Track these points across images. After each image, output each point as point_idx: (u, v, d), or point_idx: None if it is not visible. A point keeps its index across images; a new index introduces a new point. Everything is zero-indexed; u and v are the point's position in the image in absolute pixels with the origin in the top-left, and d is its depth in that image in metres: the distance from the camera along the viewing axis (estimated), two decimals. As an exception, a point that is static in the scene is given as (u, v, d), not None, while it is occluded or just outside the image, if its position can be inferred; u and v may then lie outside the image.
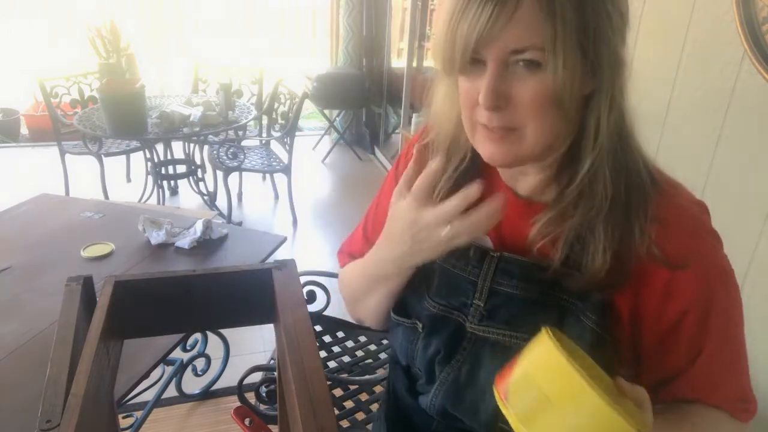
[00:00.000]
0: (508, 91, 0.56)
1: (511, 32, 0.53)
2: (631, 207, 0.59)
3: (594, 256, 0.59)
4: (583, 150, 0.60)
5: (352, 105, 4.84)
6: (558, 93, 0.55)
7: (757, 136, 1.31)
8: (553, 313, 0.62)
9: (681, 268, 0.58)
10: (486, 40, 0.54)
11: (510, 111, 0.57)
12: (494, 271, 0.66)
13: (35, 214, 1.93)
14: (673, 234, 0.59)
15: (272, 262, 0.81)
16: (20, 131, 5.01)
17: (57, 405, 0.51)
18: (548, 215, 0.62)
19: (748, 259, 1.33)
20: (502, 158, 0.61)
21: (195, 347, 2.08)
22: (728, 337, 0.66)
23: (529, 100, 0.56)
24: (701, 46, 1.45)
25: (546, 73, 0.54)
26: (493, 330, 0.65)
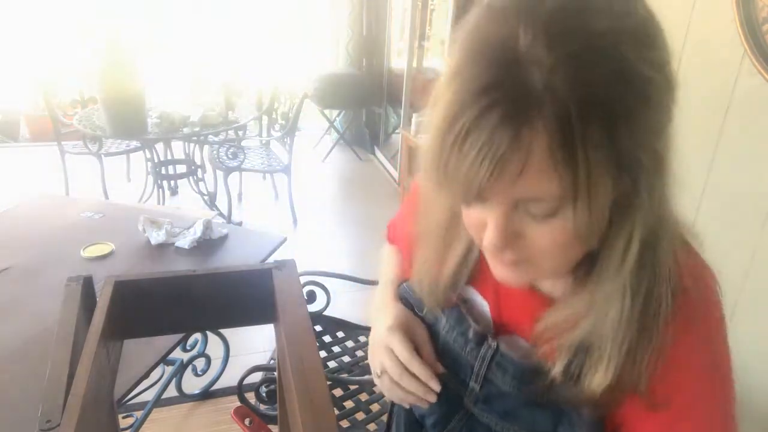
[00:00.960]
0: (520, 228, 0.48)
1: (520, 187, 0.43)
2: (645, 318, 0.50)
3: (597, 371, 0.51)
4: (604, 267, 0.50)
5: (352, 105, 4.84)
6: (583, 233, 0.46)
7: (757, 136, 1.31)
8: (547, 415, 0.58)
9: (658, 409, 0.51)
10: (487, 192, 0.44)
11: (521, 246, 0.49)
12: (490, 360, 0.62)
13: (35, 214, 1.93)
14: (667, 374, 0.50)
15: (272, 262, 0.81)
16: (20, 131, 5.01)
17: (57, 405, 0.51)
18: (555, 318, 0.55)
19: (749, 259, 1.33)
20: (514, 283, 0.54)
21: (195, 347, 2.08)
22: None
23: (546, 243, 0.48)
24: (701, 46, 1.45)
25: (565, 215, 0.45)
26: (487, 415, 0.64)
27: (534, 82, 0.40)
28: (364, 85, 4.71)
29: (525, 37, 0.40)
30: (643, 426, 0.52)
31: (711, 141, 1.42)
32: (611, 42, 0.41)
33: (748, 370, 1.36)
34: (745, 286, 1.34)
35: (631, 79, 0.42)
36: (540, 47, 0.40)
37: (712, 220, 1.42)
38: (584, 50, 0.40)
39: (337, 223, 3.74)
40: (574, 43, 0.40)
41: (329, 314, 1.88)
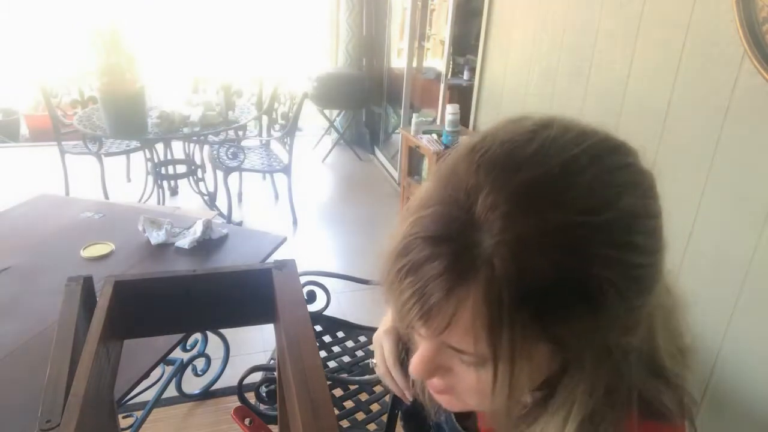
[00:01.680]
0: (448, 364, 0.47)
1: (446, 336, 0.43)
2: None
3: None
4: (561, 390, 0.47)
5: (352, 105, 4.85)
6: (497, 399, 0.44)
7: (757, 136, 1.32)
8: None
9: None
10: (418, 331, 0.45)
11: (452, 378, 0.48)
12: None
13: (35, 214, 1.93)
14: None
15: (272, 262, 0.81)
16: (20, 131, 5.02)
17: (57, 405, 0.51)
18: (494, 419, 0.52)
19: (748, 259, 1.33)
20: (449, 408, 0.52)
21: (195, 347, 2.09)
22: None
23: (472, 385, 0.46)
24: (701, 46, 1.45)
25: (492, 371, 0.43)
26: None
27: (480, 249, 0.39)
28: (364, 85, 4.71)
29: (486, 200, 0.40)
30: None
31: (711, 141, 1.42)
32: (570, 237, 0.39)
33: (747, 370, 1.36)
34: (745, 286, 1.34)
35: (581, 280, 0.39)
36: (497, 218, 0.39)
37: (712, 220, 1.42)
38: (537, 237, 0.38)
39: (337, 223, 3.74)
40: (531, 226, 0.39)
41: (329, 314, 1.88)
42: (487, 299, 0.39)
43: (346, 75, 4.70)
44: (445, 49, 3.52)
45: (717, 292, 1.39)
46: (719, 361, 1.42)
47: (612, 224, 0.40)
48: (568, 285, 0.39)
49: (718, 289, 1.39)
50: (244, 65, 4.02)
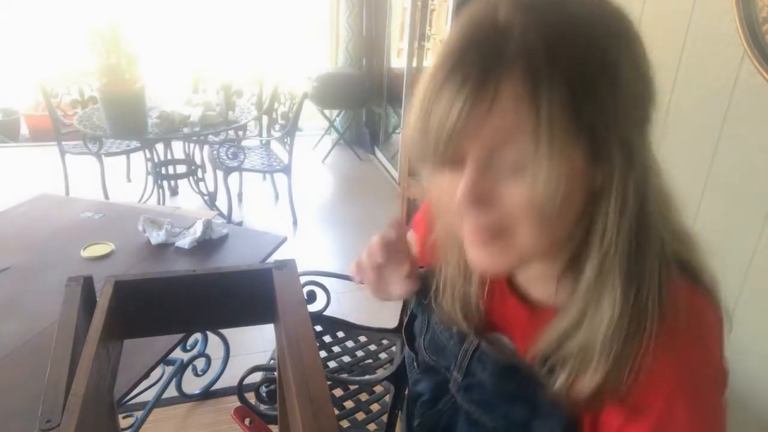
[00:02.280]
0: (492, 189, 0.48)
1: (490, 127, 0.45)
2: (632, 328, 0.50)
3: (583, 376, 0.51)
4: (590, 249, 0.51)
5: (352, 105, 4.84)
6: (554, 194, 0.46)
7: (757, 136, 1.32)
8: (524, 408, 0.59)
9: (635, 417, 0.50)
10: (462, 133, 0.46)
11: (497, 209, 0.49)
12: (471, 355, 0.64)
13: (35, 214, 1.93)
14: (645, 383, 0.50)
15: (272, 262, 0.81)
16: (20, 131, 5.02)
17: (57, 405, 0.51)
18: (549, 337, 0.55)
19: (748, 259, 1.33)
20: (489, 265, 0.53)
21: (195, 347, 2.09)
22: None
23: (519, 201, 0.47)
24: (701, 46, 1.45)
25: (536, 174, 0.46)
26: (467, 404, 0.65)
27: (510, 39, 0.44)
28: (364, 85, 4.71)
29: (505, 9, 0.46)
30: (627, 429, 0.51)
31: (711, 141, 1.42)
32: (587, 24, 0.46)
33: (747, 370, 1.36)
34: (745, 286, 1.34)
35: (601, 58, 0.45)
36: (518, 14, 0.45)
37: (711, 220, 1.42)
38: (559, 23, 0.45)
39: (337, 223, 3.74)
40: (551, 15, 0.45)
41: (329, 314, 1.88)
42: (524, 73, 0.43)
43: (346, 75, 4.70)
44: (445, 49, 3.52)
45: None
46: (719, 361, 1.43)
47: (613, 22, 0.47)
48: (590, 59, 0.45)
49: (718, 289, 1.39)
50: (244, 65, 4.02)
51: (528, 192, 0.46)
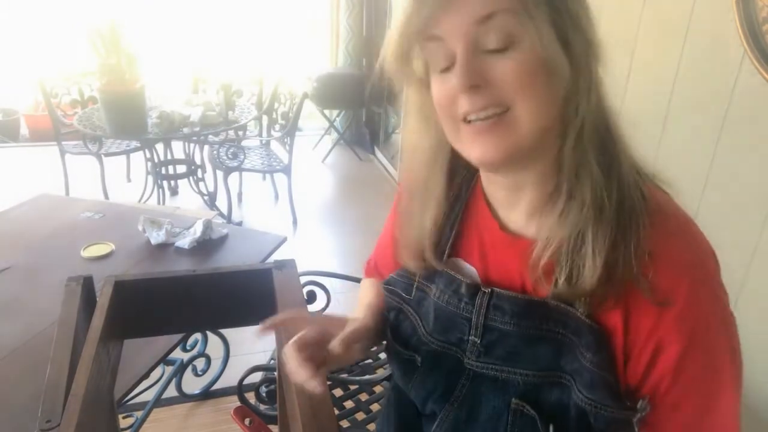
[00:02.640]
0: (484, 70, 0.52)
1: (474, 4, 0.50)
2: (623, 218, 0.55)
3: (585, 264, 0.55)
4: (566, 143, 0.56)
5: (352, 105, 4.84)
6: (543, 61, 0.51)
7: (757, 136, 1.31)
8: (550, 347, 0.60)
9: (665, 305, 0.54)
10: (445, 12, 0.50)
11: (492, 90, 0.53)
12: (486, 307, 0.63)
13: (35, 214, 1.93)
14: (662, 270, 0.54)
15: (272, 262, 0.81)
16: (20, 131, 5.01)
17: (57, 405, 0.51)
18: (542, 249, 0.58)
19: (748, 258, 1.33)
20: (494, 152, 0.55)
21: (195, 347, 2.08)
22: (699, 388, 0.56)
23: (512, 75, 0.51)
24: (701, 46, 1.45)
25: (522, 45, 0.51)
26: (491, 366, 0.63)
27: None
28: (364, 85, 4.71)
29: None
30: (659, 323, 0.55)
31: (711, 141, 1.42)
32: None
33: (748, 369, 1.36)
34: (745, 285, 1.34)
35: None
36: None
37: (712, 219, 1.42)
38: None
39: (337, 223, 3.74)
40: None
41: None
42: None
43: (346, 75, 4.70)
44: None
45: (717, 292, 1.39)
46: (719, 361, 1.43)
47: None
48: None
49: (718, 289, 1.39)
50: (244, 65, 4.02)
51: (519, 61, 0.51)
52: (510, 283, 0.64)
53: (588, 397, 0.57)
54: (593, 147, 0.55)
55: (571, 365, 0.59)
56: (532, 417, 0.60)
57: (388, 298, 0.75)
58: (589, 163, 0.55)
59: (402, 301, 0.73)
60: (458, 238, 0.69)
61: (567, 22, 0.52)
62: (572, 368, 0.59)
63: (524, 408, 0.60)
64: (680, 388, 0.56)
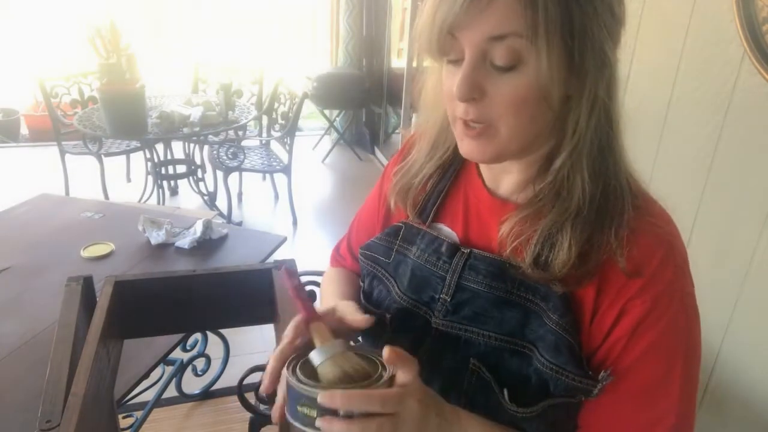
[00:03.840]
0: (484, 84, 0.55)
1: (489, 19, 0.51)
2: (605, 213, 0.58)
3: (559, 254, 0.58)
4: (561, 149, 0.59)
5: (352, 105, 4.84)
6: (540, 89, 0.53)
7: (757, 136, 1.31)
8: (516, 313, 0.62)
9: (634, 275, 0.57)
10: (462, 24, 0.52)
11: (485, 105, 0.56)
12: (463, 266, 0.66)
13: (35, 214, 1.93)
14: (639, 243, 0.57)
15: (272, 262, 0.81)
16: (20, 131, 5.01)
17: (57, 405, 0.51)
18: (521, 214, 0.61)
19: (748, 259, 1.33)
20: (479, 157, 0.60)
21: (195, 347, 2.08)
22: (653, 359, 0.58)
23: (506, 96, 0.54)
24: (701, 46, 1.45)
25: (526, 68, 0.53)
26: (456, 324, 0.65)
27: None
28: (364, 85, 4.71)
29: None
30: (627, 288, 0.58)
31: (711, 141, 1.42)
32: None
33: (747, 370, 1.36)
34: (745, 286, 1.34)
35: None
36: None
37: (712, 220, 1.42)
38: None
39: (337, 223, 3.74)
40: None
41: (329, 314, 1.87)
42: None
43: (346, 75, 4.70)
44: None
45: (717, 292, 1.39)
46: (719, 361, 1.42)
47: None
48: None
49: (718, 289, 1.39)
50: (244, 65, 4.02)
51: (520, 81, 0.53)
52: (489, 247, 0.66)
53: (551, 362, 0.59)
54: (588, 161, 0.58)
55: (535, 333, 0.61)
56: (488, 380, 0.62)
57: (364, 263, 0.77)
58: (582, 173, 0.58)
59: (378, 266, 0.75)
60: (443, 204, 0.72)
61: (584, 47, 0.53)
62: (536, 336, 0.61)
63: (480, 370, 0.63)
64: (635, 354, 0.58)
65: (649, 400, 0.59)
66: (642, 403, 0.59)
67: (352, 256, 0.88)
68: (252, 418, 1.53)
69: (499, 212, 0.65)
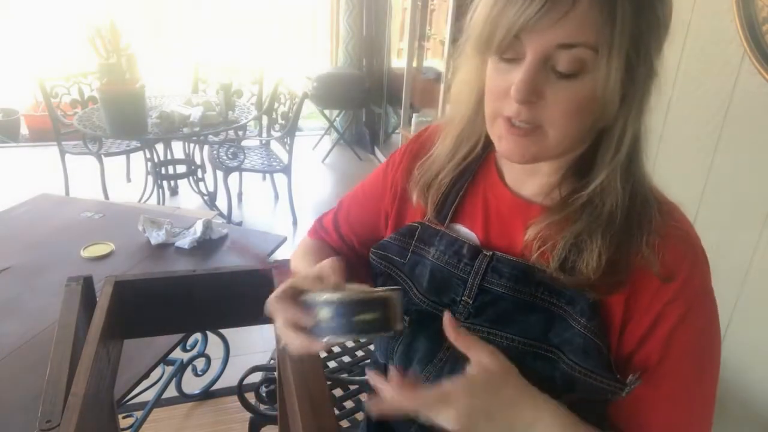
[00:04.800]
0: (542, 88, 0.54)
1: (564, 27, 0.50)
2: (633, 220, 0.58)
3: (588, 261, 0.57)
4: (600, 158, 0.59)
5: (352, 105, 4.84)
6: (597, 99, 0.53)
7: (757, 137, 1.31)
8: (541, 316, 0.61)
9: (669, 280, 0.58)
10: (533, 28, 0.51)
11: (540, 108, 0.55)
12: (485, 269, 0.65)
13: (35, 214, 1.93)
14: (670, 248, 0.58)
15: (272, 262, 0.81)
16: (20, 131, 5.01)
17: (57, 405, 0.51)
18: (550, 218, 0.60)
19: (748, 259, 1.33)
20: (520, 156, 0.58)
21: (195, 347, 2.08)
22: (692, 356, 0.60)
23: (564, 103, 0.54)
24: (701, 46, 1.45)
25: (588, 77, 0.52)
26: (478, 327, 0.64)
27: None
28: (364, 85, 4.71)
29: None
30: (661, 293, 0.58)
31: (711, 141, 1.42)
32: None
33: (748, 370, 1.36)
34: (745, 286, 1.34)
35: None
36: None
37: (712, 220, 1.42)
38: None
39: (337, 223, 3.73)
40: None
41: (329, 314, 1.87)
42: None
43: (346, 75, 4.70)
44: (445, 49, 3.52)
45: (717, 292, 1.39)
46: (719, 361, 1.42)
47: None
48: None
49: (718, 289, 1.39)
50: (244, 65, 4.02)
51: (580, 89, 0.53)
52: (511, 249, 0.65)
53: (578, 365, 0.59)
54: (623, 167, 0.58)
55: (560, 337, 0.60)
56: None
57: (377, 263, 0.76)
58: (616, 183, 0.58)
59: (392, 266, 0.74)
60: (461, 204, 0.71)
61: (641, 58, 0.53)
62: (561, 339, 0.60)
63: None
64: (673, 357, 0.59)
65: (686, 399, 0.60)
66: (680, 401, 0.60)
67: (336, 232, 0.87)
68: (252, 418, 1.54)
69: (523, 213, 0.65)
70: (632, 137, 0.57)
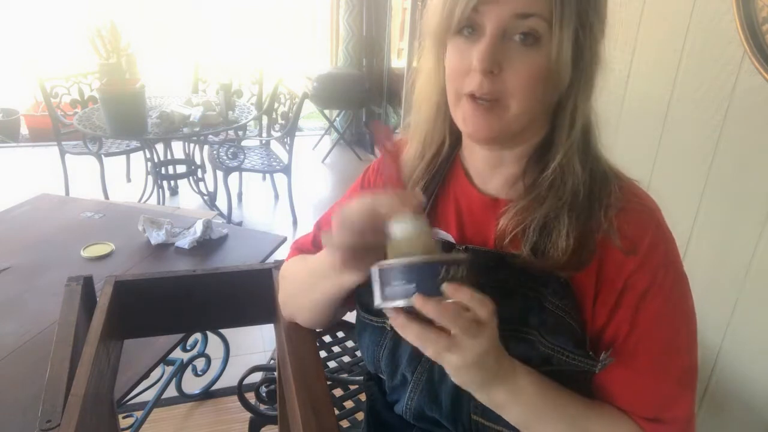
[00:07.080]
0: (502, 59, 0.57)
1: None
2: (594, 195, 0.62)
3: (557, 241, 0.60)
4: (557, 139, 0.63)
5: (352, 105, 4.84)
6: (551, 70, 0.57)
7: (757, 136, 1.31)
8: (518, 302, 0.63)
9: (631, 252, 0.61)
10: (488, 3, 0.55)
11: (500, 79, 0.58)
12: None
13: (35, 214, 1.93)
14: (631, 221, 0.61)
15: (272, 262, 0.81)
16: (20, 131, 5.01)
17: (57, 405, 0.51)
18: (517, 206, 0.63)
19: (748, 259, 1.33)
20: (486, 132, 0.61)
21: (195, 347, 2.08)
22: (662, 325, 0.62)
23: (521, 72, 0.57)
24: (701, 46, 1.45)
25: (542, 49, 0.56)
26: None
27: None
28: (364, 85, 4.71)
29: None
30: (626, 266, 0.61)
31: (711, 141, 1.42)
32: None
33: (747, 370, 1.36)
34: (745, 286, 1.34)
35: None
36: None
37: (712, 220, 1.42)
38: None
39: (337, 223, 3.73)
40: None
41: (329, 314, 1.87)
42: None
43: (346, 75, 4.70)
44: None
45: (717, 292, 1.39)
46: (719, 361, 1.42)
47: None
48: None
49: (718, 289, 1.39)
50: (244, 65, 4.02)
51: (536, 60, 0.56)
52: (486, 244, 0.67)
53: (551, 343, 0.61)
54: (579, 147, 0.62)
55: (537, 318, 0.62)
56: None
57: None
58: (575, 162, 0.62)
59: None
60: (434, 209, 0.73)
61: (586, 39, 0.58)
62: (538, 320, 0.62)
63: None
64: (642, 326, 0.61)
65: (663, 366, 0.62)
66: (657, 369, 0.62)
67: (318, 251, 0.85)
68: (252, 418, 1.54)
69: (493, 209, 0.67)
70: (584, 117, 0.61)
